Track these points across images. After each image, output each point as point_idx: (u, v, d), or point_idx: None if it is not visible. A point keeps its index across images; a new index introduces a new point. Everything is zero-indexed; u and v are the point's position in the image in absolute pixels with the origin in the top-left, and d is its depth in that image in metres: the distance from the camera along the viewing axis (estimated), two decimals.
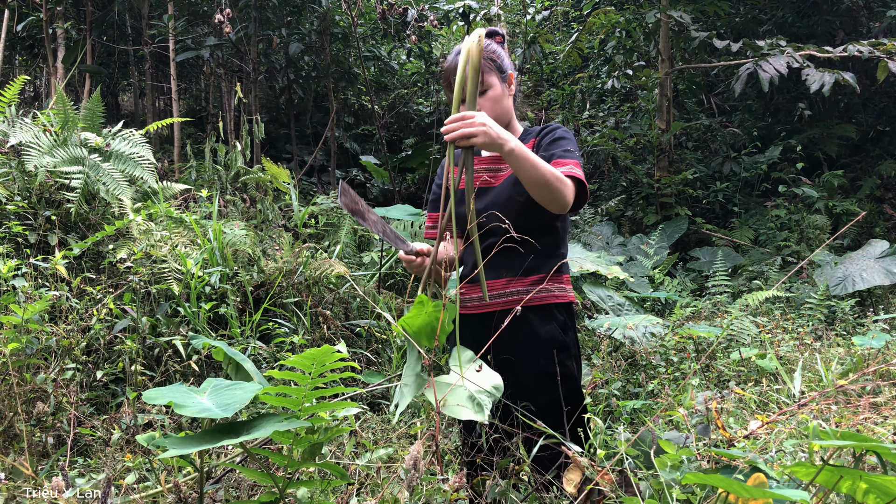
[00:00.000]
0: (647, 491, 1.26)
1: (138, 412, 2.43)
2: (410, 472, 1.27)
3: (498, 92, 1.92)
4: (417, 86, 9.56)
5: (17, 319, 2.37)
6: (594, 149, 7.80)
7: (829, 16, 7.74)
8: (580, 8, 8.77)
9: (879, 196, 7.23)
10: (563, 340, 1.89)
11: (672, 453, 1.25)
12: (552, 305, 1.90)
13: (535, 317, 1.88)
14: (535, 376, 1.85)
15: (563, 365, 1.87)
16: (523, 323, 1.83)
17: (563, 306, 1.93)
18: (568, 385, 1.87)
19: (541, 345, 1.86)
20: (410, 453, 1.28)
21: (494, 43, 1.98)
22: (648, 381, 3.38)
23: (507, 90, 1.95)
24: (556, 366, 1.84)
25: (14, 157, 3.70)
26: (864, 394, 2.52)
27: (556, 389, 1.84)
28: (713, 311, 4.87)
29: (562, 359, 1.87)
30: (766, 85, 5.62)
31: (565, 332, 1.91)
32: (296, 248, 4.13)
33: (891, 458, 1.08)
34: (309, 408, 1.28)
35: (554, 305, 1.91)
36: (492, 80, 1.91)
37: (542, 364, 1.85)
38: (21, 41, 7.64)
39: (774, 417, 1.34)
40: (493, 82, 1.91)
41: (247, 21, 6.88)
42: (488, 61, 1.91)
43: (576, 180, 1.82)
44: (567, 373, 1.87)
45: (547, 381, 1.84)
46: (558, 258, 1.93)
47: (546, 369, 1.84)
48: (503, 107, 1.94)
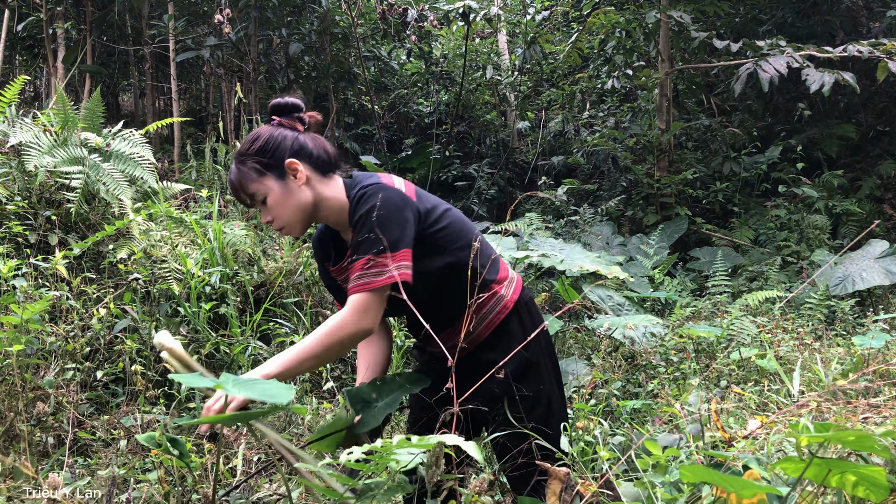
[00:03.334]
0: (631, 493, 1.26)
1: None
2: (431, 469, 1.25)
3: (277, 194, 1.65)
4: (417, 86, 9.56)
5: (17, 319, 2.37)
6: (594, 149, 7.80)
7: (829, 16, 7.73)
8: (580, 8, 8.77)
9: (879, 196, 7.23)
10: (525, 360, 1.76)
11: (657, 454, 1.25)
12: (501, 324, 1.77)
13: (492, 349, 1.76)
14: (511, 404, 1.74)
15: (530, 384, 1.76)
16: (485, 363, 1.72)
17: (511, 314, 1.78)
18: (535, 403, 1.76)
19: (505, 376, 1.71)
20: (432, 451, 1.26)
21: (271, 131, 1.68)
22: (648, 381, 3.38)
23: (293, 181, 1.66)
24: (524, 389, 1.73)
25: (14, 157, 3.70)
26: (864, 394, 2.52)
27: (534, 412, 1.75)
28: (713, 311, 4.87)
29: (530, 379, 1.76)
30: (766, 85, 5.61)
31: (527, 348, 1.76)
32: (296, 248, 4.14)
33: (875, 451, 1.08)
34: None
35: (502, 322, 1.77)
36: (264, 185, 1.65)
37: (510, 391, 1.73)
38: (21, 41, 7.64)
39: (774, 417, 1.34)
40: (268, 187, 1.65)
41: (247, 21, 6.88)
42: (252, 165, 1.65)
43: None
44: (534, 391, 1.76)
45: (526, 404, 1.74)
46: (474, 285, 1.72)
47: (515, 394, 1.73)
48: (293, 204, 1.67)
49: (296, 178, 1.67)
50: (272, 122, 1.72)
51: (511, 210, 6.44)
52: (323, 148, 1.73)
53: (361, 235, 1.61)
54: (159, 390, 2.79)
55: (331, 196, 1.72)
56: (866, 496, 1.07)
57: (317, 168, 1.70)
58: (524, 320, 1.80)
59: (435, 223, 1.72)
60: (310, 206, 1.69)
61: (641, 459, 1.26)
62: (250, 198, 1.67)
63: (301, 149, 1.68)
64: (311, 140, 1.72)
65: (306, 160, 1.68)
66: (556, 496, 1.32)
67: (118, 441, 2.46)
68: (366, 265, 1.59)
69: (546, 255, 4.09)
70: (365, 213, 1.62)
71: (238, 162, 1.68)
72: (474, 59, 8.80)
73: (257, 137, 1.67)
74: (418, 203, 1.71)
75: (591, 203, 7.61)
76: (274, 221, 1.70)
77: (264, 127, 1.71)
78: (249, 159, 1.66)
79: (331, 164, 1.74)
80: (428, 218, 1.71)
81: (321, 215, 1.74)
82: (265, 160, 1.65)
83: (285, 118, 1.71)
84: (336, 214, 1.74)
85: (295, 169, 1.66)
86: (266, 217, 1.71)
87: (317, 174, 1.70)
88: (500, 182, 8.52)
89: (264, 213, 1.71)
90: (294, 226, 1.70)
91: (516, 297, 1.81)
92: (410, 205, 1.68)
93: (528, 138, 9.32)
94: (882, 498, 1.05)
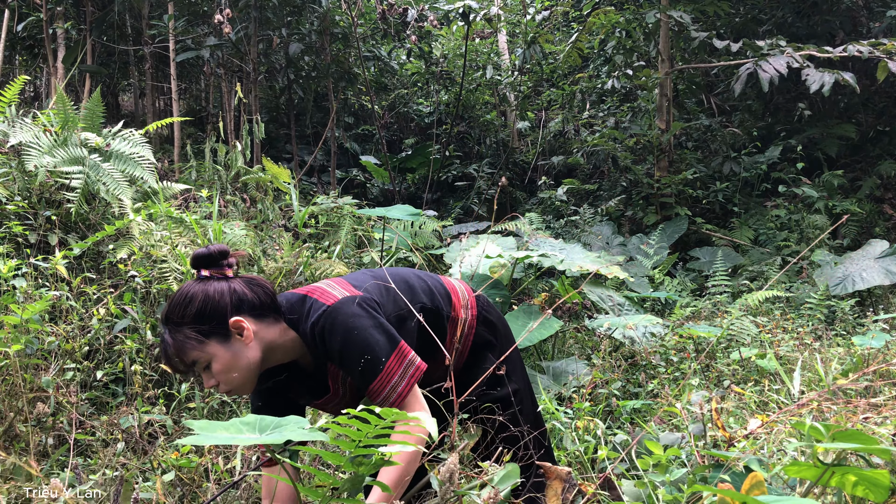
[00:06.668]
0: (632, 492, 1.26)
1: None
2: (445, 485, 1.25)
3: (223, 359, 1.49)
4: (417, 86, 9.56)
5: (16, 319, 2.37)
6: (594, 149, 7.80)
7: (829, 16, 7.73)
8: (580, 8, 8.77)
9: (879, 196, 7.23)
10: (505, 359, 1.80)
11: (658, 453, 1.25)
12: (474, 340, 1.83)
13: (476, 365, 1.82)
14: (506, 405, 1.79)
15: (512, 378, 1.83)
16: (475, 378, 1.75)
17: (478, 328, 1.83)
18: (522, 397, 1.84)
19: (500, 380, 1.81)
20: (446, 465, 1.25)
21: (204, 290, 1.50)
22: (648, 381, 3.38)
23: (238, 341, 1.50)
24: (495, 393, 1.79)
25: (14, 157, 3.70)
26: (864, 394, 2.52)
27: (523, 405, 1.83)
28: (713, 311, 4.87)
29: (511, 372, 1.83)
30: (766, 85, 5.62)
31: (502, 349, 1.84)
32: (296, 248, 4.14)
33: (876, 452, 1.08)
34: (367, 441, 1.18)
35: (474, 338, 1.83)
36: (207, 352, 1.48)
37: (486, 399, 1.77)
38: (21, 41, 7.64)
39: (774, 417, 1.34)
40: (210, 354, 1.49)
41: (247, 21, 6.88)
42: (190, 333, 1.47)
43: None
44: (518, 384, 1.84)
45: (515, 399, 1.81)
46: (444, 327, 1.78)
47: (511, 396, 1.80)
48: (243, 366, 1.51)
49: (242, 337, 1.50)
50: (199, 276, 1.53)
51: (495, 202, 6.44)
52: (260, 289, 1.56)
53: (357, 365, 1.51)
54: (159, 390, 2.79)
55: (280, 339, 1.57)
56: (866, 496, 1.07)
57: (260, 317, 1.54)
58: (489, 323, 1.87)
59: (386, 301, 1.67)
60: (259, 361, 1.53)
61: (642, 459, 1.26)
62: (189, 367, 1.50)
63: (241, 302, 1.51)
64: (247, 287, 1.55)
65: (248, 313, 1.52)
66: (558, 495, 1.32)
67: (117, 442, 2.46)
68: (385, 381, 1.50)
69: (546, 255, 4.09)
70: (340, 347, 1.51)
71: (171, 330, 1.48)
72: (474, 59, 8.81)
73: (190, 300, 1.48)
74: (363, 294, 1.62)
75: (591, 203, 7.61)
76: (220, 385, 1.53)
77: (192, 285, 1.51)
78: (186, 327, 1.47)
79: (272, 304, 1.57)
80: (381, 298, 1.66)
81: (273, 360, 1.59)
82: (206, 326, 1.47)
83: (213, 269, 1.54)
84: (290, 353, 1.61)
85: (240, 327, 1.50)
86: (209, 382, 1.52)
87: (261, 323, 1.54)
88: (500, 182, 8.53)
89: (207, 378, 1.52)
90: (244, 386, 1.54)
91: (475, 312, 1.85)
92: (366, 302, 1.59)
93: (528, 138, 9.32)
94: (883, 498, 1.05)
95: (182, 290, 1.51)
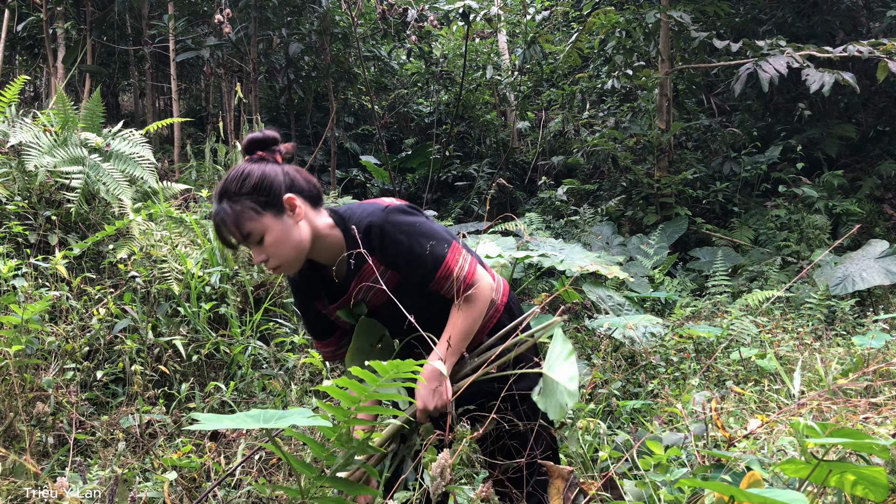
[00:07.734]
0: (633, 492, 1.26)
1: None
2: (437, 480, 1.26)
3: (277, 232, 1.57)
4: (417, 86, 9.56)
5: (17, 319, 2.38)
6: (594, 149, 7.80)
7: (829, 16, 7.73)
8: (580, 8, 8.78)
9: (879, 196, 7.23)
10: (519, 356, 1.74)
11: (659, 453, 1.25)
12: (495, 326, 1.80)
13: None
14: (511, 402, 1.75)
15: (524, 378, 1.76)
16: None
17: (503, 315, 1.82)
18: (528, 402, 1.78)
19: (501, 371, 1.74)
20: (438, 460, 1.27)
21: (261, 167, 1.59)
22: (648, 381, 3.38)
23: (290, 217, 1.59)
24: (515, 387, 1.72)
25: (14, 157, 3.70)
26: (864, 394, 2.52)
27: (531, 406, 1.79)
28: (713, 311, 4.87)
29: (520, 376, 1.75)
30: (766, 85, 5.62)
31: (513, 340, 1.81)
32: None
33: (875, 451, 1.08)
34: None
35: (496, 324, 1.80)
36: (262, 223, 1.56)
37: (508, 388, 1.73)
38: (21, 41, 7.65)
39: (774, 417, 1.34)
40: (265, 226, 1.57)
41: (247, 21, 6.88)
42: (249, 204, 1.56)
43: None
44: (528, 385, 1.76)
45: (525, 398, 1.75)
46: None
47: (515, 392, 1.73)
48: (293, 242, 1.59)
49: (294, 214, 1.59)
50: (252, 157, 1.62)
51: (488, 202, 6.44)
52: (309, 180, 1.67)
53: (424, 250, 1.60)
54: (159, 390, 2.79)
55: (326, 230, 1.66)
56: (865, 495, 1.07)
57: (309, 201, 1.64)
58: (511, 313, 1.86)
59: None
60: (308, 242, 1.62)
61: (643, 459, 1.26)
62: (245, 238, 1.58)
63: (293, 183, 1.62)
64: (298, 173, 1.65)
65: (299, 194, 1.62)
66: (560, 493, 1.33)
67: (118, 441, 2.46)
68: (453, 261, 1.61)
69: (546, 255, 4.09)
70: (405, 238, 1.60)
71: (231, 201, 1.57)
72: (474, 59, 8.80)
73: (248, 175, 1.57)
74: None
75: (591, 203, 7.61)
76: (269, 260, 1.61)
77: (248, 163, 1.61)
78: (244, 198, 1.56)
79: (319, 196, 1.68)
80: None
81: (316, 251, 1.67)
82: (263, 198, 1.56)
83: (266, 152, 1.63)
84: (329, 249, 1.68)
85: (293, 204, 1.59)
86: (260, 256, 1.61)
87: (311, 208, 1.64)
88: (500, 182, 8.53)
89: (258, 253, 1.61)
90: (292, 264, 1.63)
91: (505, 300, 1.86)
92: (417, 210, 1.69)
93: (528, 138, 9.32)
94: (882, 498, 1.05)
95: (238, 167, 1.60)
